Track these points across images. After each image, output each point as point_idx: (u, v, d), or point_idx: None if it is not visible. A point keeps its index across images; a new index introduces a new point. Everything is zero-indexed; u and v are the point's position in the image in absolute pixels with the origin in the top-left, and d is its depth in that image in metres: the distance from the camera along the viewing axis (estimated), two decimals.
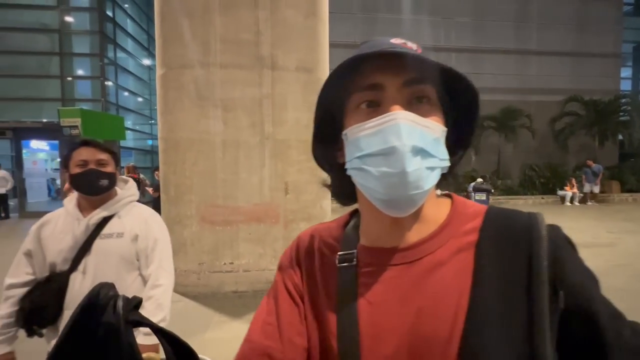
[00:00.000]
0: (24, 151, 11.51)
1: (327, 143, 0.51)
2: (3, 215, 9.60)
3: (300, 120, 3.55)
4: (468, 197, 11.92)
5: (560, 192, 11.90)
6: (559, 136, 13.75)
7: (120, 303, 0.59)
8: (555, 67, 14.62)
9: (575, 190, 11.62)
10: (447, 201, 0.51)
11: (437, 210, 0.48)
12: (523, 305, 0.39)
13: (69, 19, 11.48)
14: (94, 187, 1.27)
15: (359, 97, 0.44)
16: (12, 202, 10.25)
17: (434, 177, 0.43)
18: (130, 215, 1.35)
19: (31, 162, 11.88)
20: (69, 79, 11.66)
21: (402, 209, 0.43)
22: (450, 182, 0.50)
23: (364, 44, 0.48)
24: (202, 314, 3.08)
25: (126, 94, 13.71)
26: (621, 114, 13.75)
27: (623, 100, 13.95)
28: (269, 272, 3.52)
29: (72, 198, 1.35)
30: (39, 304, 1.22)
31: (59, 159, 10.48)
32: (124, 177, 1.45)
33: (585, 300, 0.40)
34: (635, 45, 18.66)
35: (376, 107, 0.44)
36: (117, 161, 1.34)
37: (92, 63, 11.71)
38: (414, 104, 0.43)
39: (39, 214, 1.63)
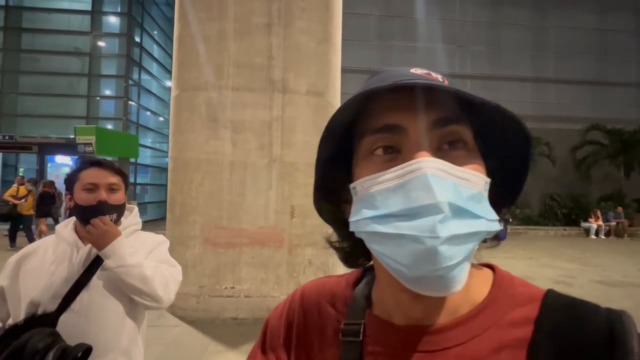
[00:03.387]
0: (48, 165, 12.03)
1: (332, 196, 0.42)
2: (20, 227, 9.85)
3: (309, 143, 3.52)
4: None
5: (584, 224, 11.32)
6: (581, 165, 13.28)
7: (51, 356, 0.51)
8: (574, 95, 14.40)
9: (600, 222, 11.02)
10: (487, 274, 0.39)
11: (471, 285, 0.37)
12: None
13: (100, 43, 12.25)
14: None
15: (371, 141, 0.36)
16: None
17: (473, 244, 0.32)
18: (137, 244, 1.19)
19: (54, 176, 12.37)
20: (97, 98, 12.29)
21: (432, 288, 0.32)
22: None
23: (375, 75, 0.39)
24: (197, 341, 2.94)
25: (148, 113, 14.29)
26: None
27: None
28: (271, 299, 3.38)
29: (68, 223, 1.19)
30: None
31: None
32: (128, 205, 1.30)
33: None
34: None
35: (395, 154, 0.35)
36: (127, 184, 1.20)
37: (117, 84, 12.33)
38: (445, 150, 0.34)
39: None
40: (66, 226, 1.18)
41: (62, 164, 13.30)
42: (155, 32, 14.57)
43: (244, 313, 3.36)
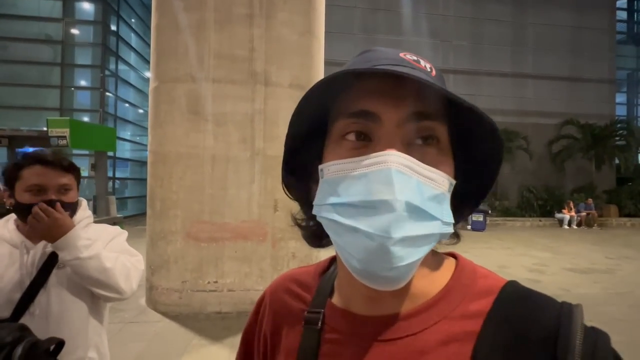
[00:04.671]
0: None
1: (300, 173, 0.41)
2: None
3: None
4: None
5: (558, 215, 11.82)
6: (556, 159, 13.81)
7: (19, 350, 0.50)
8: (551, 90, 14.88)
9: (572, 213, 11.55)
10: (449, 264, 0.39)
11: (431, 276, 0.37)
12: None
13: (73, 31, 11.69)
14: None
15: (344, 124, 0.34)
16: None
17: (428, 247, 0.32)
18: (92, 236, 1.10)
19: None
20: (71, 89, 11.75)
21: (378, 283, 0.32)
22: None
23: (362, 54, 0.38)
24: (180, 335, 2.92)
25: (126, 105, 13.80)
26: (617, 138, 13.88)
27: (619, 125, 14.12)
28: (255, 292, 3.38)
29: (7, 222, 1.07)
30: None
31: None
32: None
33: None
34: (629, 72, 19.06)
35: (367, 142, 0.34)
36: (79, 179, 1.09)
37: (92, 74, 11.83)
38: (417, 145, 0.33)
39: None
40: (5, 226, 1.06)
41: None
42: (132, 20, 14.00)
43: (227, 307, 3.35)
